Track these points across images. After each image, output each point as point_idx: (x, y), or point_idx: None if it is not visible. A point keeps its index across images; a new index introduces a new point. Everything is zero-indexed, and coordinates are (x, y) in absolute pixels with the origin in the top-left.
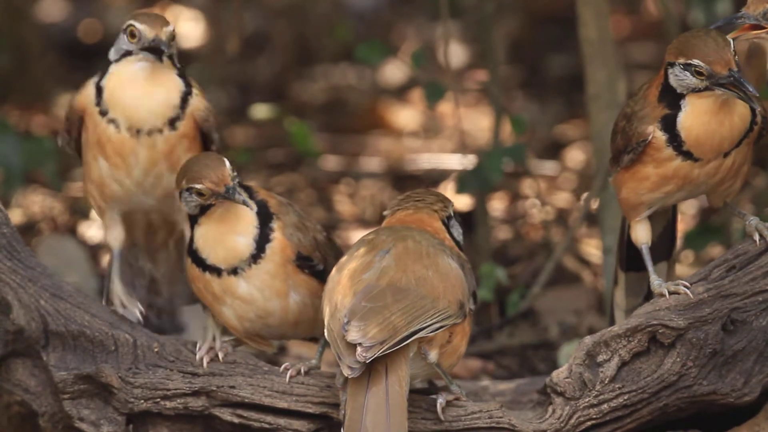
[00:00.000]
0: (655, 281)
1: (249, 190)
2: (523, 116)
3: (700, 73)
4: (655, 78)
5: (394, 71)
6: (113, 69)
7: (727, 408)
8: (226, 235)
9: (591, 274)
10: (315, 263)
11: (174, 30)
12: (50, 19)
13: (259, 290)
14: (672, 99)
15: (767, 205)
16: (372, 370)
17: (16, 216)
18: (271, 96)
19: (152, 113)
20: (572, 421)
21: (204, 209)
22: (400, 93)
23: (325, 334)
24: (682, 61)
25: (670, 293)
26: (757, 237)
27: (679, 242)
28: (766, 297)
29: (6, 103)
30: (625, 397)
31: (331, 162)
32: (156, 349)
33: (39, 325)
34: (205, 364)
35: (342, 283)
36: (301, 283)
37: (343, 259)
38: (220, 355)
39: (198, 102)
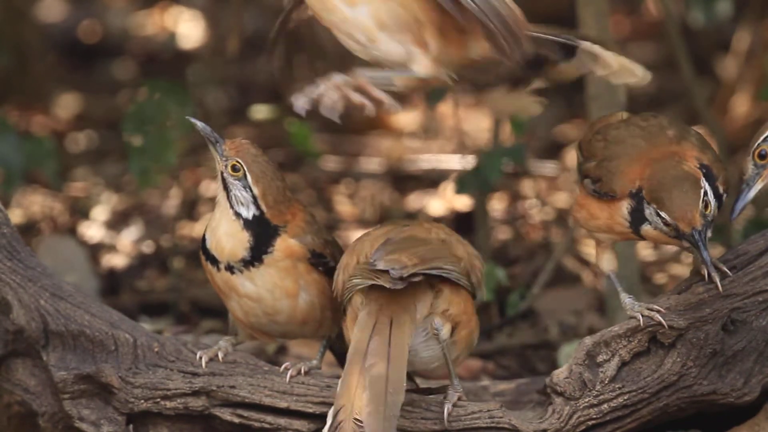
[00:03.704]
0: (628, 303)
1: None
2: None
3: (667, 224)
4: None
5: None
6: None
7: (727, 408)
8: (217, 229)
9: (591, 274)
10: (328, 260)
11: None
12: (50, 19)
13: (269, 291)
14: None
15: (767, 205)
16: (377, 322)
17: (16, 216)
18: (271, 96)
19: None
20: (572, 421)
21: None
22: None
23: (352, 282)
24: (654, 206)
25: (644, 317)
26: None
27: None
28: (766, 297)
29: (6, 103)
30: (625, 397)
31: (331, 162)
32: (156, 349)
33: (39, 325)
34: (204, 364)
35: (362, 243)
36: (312, 283)
37: (361, 235)
38: (220, 355)
39: None
